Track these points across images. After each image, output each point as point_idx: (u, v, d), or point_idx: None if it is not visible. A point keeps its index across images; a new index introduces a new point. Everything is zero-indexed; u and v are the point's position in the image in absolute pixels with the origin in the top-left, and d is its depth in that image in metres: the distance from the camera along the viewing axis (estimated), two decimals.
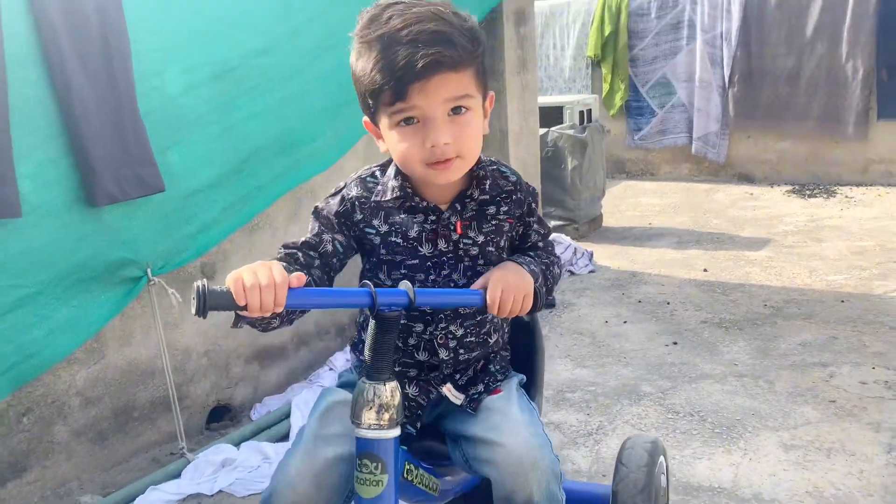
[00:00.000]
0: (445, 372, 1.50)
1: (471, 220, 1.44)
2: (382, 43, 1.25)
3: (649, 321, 3.91)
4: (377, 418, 1.25)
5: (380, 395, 1.25)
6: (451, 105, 1.29)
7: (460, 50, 1.26)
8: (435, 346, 1.47)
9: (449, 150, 1.29)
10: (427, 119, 1.28)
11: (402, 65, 1.23)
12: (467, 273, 1.44)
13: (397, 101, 1.26)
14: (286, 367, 3.27)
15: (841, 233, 5.38)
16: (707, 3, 7.27)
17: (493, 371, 1.55)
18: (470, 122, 1.32)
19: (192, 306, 1.12)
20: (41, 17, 2.19)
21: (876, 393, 2.96)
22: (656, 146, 7.93)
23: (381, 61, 1.25)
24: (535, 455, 1.36)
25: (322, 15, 3.12)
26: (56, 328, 2.28)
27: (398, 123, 1.30)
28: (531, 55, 4.58)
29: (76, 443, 2.51)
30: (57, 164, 2.26)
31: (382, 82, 1.25)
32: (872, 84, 6.69)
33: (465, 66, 1.28)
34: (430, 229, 1.42)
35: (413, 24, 1.24)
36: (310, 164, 3.12)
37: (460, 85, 1.28)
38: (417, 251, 1.42)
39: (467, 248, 1.43)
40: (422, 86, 1.24)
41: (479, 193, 1.43)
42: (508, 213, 1.47)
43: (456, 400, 1.48)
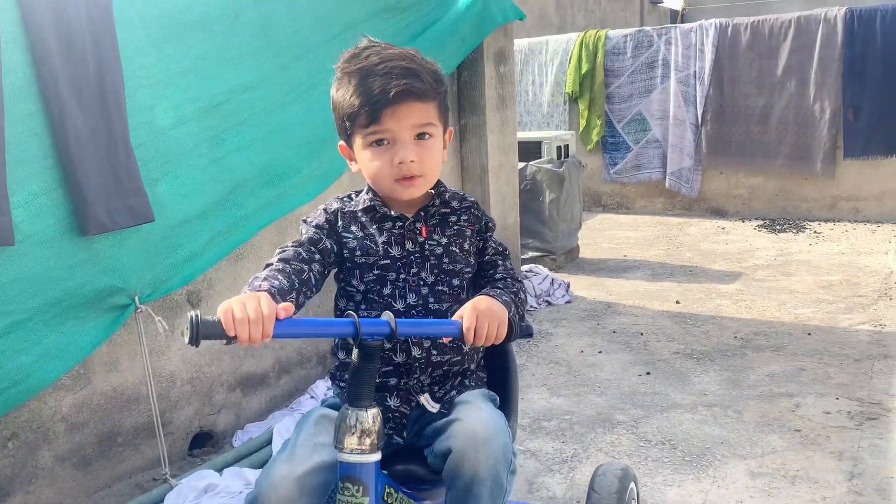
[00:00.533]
0: (423, 380, 1.61)
1: (434, 227, 1.64)
2: (361, 74, 1.49)
3: (623, 351, 4.01)
4: (359, 443, 1.33)
5: (362, 421, 1.33)
6: (417, 130, 1.53)
7: (427, 85, 1.51)
8: (409, 346, 1.59)
9: (414, 167, 1.52)
10: (396, 140, 1.52)
11: (377, 92, 1.47)
12: (434, 271, 1.61)
13: (372, 123, 1.50)
14: (268, 395, 3.32)
15: (809, 267, 5.55)
16: (681, 43, 7.50)
17: (468, 385, 1.67)
18: (432, 147, 1.56)
19: (186, 336, 1.20)
20: (39, 51, 2.27)
21: (839, 423, 3.07)
22: (631, 181, 8.11)
23: (359, 88, 1.49)
24: (490, 433, 1.44)
25: (308, 53, 3.23)
26: (45, 354, 2.32)
27: (371, 144, 1.53)
28: (510, 92, 4.72)
29: (60, 468, 2.54)
30: (50, 194, 2.32)
31: (359, 106, 1.49)
32: (839, 124, 6.93)
33: (429, 98, 1.53)
34: (398, 233, 1.60)
35: (388, 60, 1.49)
36: (294, 196, 3.20)
37: (425, 114, 1.53)
38: (388, 253, 1.60)
39: (432, 248, 1.62)
40: (393, 111, 1.48)
41: (440, 203, 1.65)
42: (469, 221, 1.69)
43: (432, 409, 1.59)
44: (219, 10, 2.85)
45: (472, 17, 4.19)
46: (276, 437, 2.94)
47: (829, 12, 6.86)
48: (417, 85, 1.48)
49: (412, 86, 1.47)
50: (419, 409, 1.61)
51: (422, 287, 1.60)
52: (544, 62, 8.33)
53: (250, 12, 2.98)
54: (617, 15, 15.19)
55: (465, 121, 4.54)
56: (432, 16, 4.00)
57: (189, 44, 2.74)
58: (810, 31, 6.91)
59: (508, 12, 4.49)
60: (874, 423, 3.04)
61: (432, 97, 1.54)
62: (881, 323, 4.24)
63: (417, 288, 1.60)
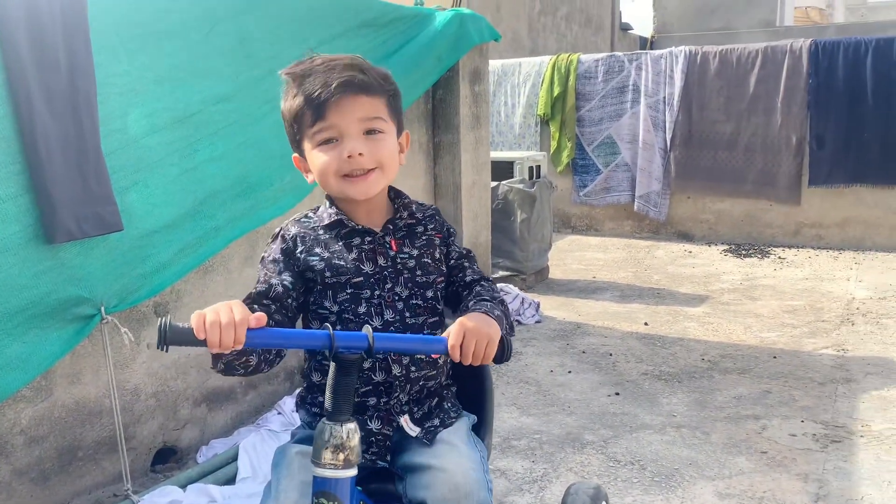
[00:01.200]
0: (402, 399, 1.57)
1: (403, 239, 1.59)
2: (304, 74, 1.46)
3: (593, 371, 4.02)
4: (334, 458, 1.30)
5: (337, 436, 1.30)
6: (365, 125, 1.47)
7: (370, 77, 1.47)
8: (389, 363, 1.54)
9: (364, 161, 1.46)
10: (343, 136, 1.46)
11: (319, 87, 1.43)
12: (408, 285, 1.56)
13: (317, 121, 1.45)
14: (234, 410, 3.27)
15: (774, 292, 5.64)
16: (651, 69, 7.62)
17: (447, 408, 1.63)
18: (384, 141, 1.49)
19: (156, 340, 1.20)
20: (10, 54, 2.22)
21: (804, 445, 3.10)
22: (600, 203, 8.19)
23: (301, 86, 1.45)
24: (472, 487, 1.42)
25: (283, 66, 3.21)
26: (5, 364, 2.25)
27: (319, 144, 1.47)
28: (484, 112, 4.75)
29: (18, 482, 2.46)
30: (16, 200, 2.27)
31: (304, 104, 1.45)
32: (804, 152, 7.08)
33: (376, 92, 1.48)
34: (368, 249, 1.54)
35: (330, 60, 1.47)
36: (266, 208, 3.17)
37: (372, 108, 1.47)
38: (360, 270, 1.53)
39: (405, 261, 1.56)
40: (337, 104, 1.43)
41: (407, 215, 1.60)
42: (435, 230, 1.64)
43: (411, 432, 1.55)
44: (195, 20, 2.83)
45: (448, 36, 4.22)
46: (243, 454, 2.89)
47: (795, 43, 7.03)
48: (360, 77, 1.44)
49: (354, 77, 1.43)
50: (400, 431, 1.57)
51: (397, 302, 1.55)
52: (517, 84, 8.41)
53: (227, 23, 2.96)
54: (588, 40, 15.42)
55: (440, 138, 4.56)
56: (409, 33, 4.02)
57: (164, 52, 2.72)
58: (777, 62, 7.07)
59: (484, 32, 4.53)
60: (838, 446, 3.08)
61: (379, 92, 1.49)
62: (844, 347, 4.31)
63: (393, 304, 1.54)
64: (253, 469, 2.83)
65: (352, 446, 1.31)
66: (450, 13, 4.26)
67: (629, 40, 18.17)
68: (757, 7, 19.00)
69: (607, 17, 16.63)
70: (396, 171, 1.55)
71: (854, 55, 6.82)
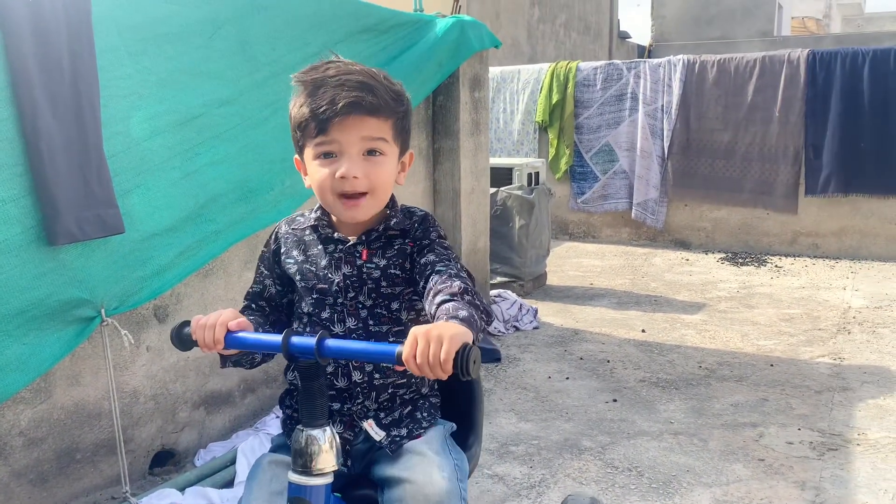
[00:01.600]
0: (367, 405, 1.55)
1: (376, 249, 1.56)
2: (314, 84, 1.44)
3: (590, 378, 4.03)
4: (308, 464, 1.29)
5: (312, 442, 1.29)
6: (366, 145, 1.45)
7: (380, 99, 1.44)
8: (350, 369, 1.54)
9: (358, 184, 1.44)
10: (343, 153, 1.44)
11: (326, 102, 1.41)
12: (372, 295, 1.55)
13: (319, 134, 1.43)
14: (232, 414, 3.27)
15: (771, 300, 5.65)
16: (649, 77, 7.66)
17: (419, 418, 1.60)
18: (382, 164, 1.48)
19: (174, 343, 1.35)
20: (14, 56, 2.23)
21: (801, 453, 3.11)
22: (598, 210, 8.21)
23: (309, 97, 1.43)
24: (442, 498, 1.40)
25: (285, 71, 3.22)
26: (5, 365, 2.25)
27: (319, 155, 1.46)
28: (484, 118, 4.76)
29: (16, 484, 2.46)
30: (18, 201, 2.27)
31: (309, 116, 1.43)
32: (801, 161, 7.12)
33: (383, 113, 1.45)
34: (338, 257, 1.55)
35: (344, 73, 1.43)
36: (267, 213, 3.17)
37: (377, 129, 1.45)
38: (327, 277, 1.55)
39: (370, 271, 1.54)
40: (341, 122, 1.41)
41: (383, 228, 1.56)
42: (412, 239, 1.57)
43: (376, 436, 1.53)
44: (198, 24, 2.84)
45: (449, 42, 4.23)
46: (241, 457, 2.89)
47: (793, 53, 7.07)
48: (368, 98, 1.42)
49: (363, 98, 1.41)
50: (367, 438, 1.55)
51: (361, 310, 1.54)
52: (516, 90, 8.43)
53: (229, 27, 2.97)
54: (586, 48, 15.47)
55: (439, 144, 4.57)
56: (410, 40, 4.04)
57: (166, 56, 2.72)
58: (774, 71, 7.11)
59: (485, 39, 4.55)
60: (835, 454, 3.09)
61: (387, 114, 1.46)
62: (840, 356, 4.32)
63: (356, 312, 1.54)
64: None
65: (327, 451, 1.30)
66: (451, 20, 4.28)
67: (627, 48, 18.24)
68: (754, 17, 19.10)
69: (605, 25, 16.70)
70: (389, 194, 1.54)
71: (851, 65, 6.86)
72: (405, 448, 1.53)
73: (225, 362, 1.45)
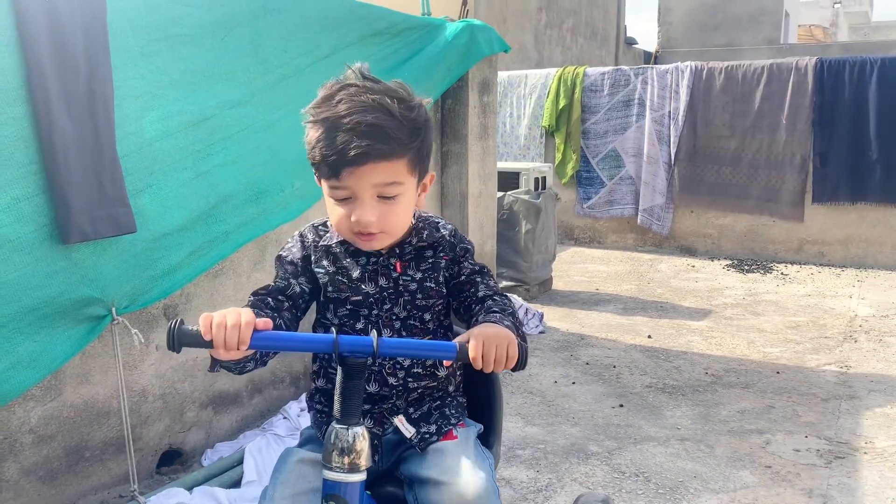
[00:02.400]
0: (398, 403, 1.59)
1: (409, 262, 1.58)
2: (326, 125, 1.39)
3: (596, 383, 4.03)
4: (343, 461, 1.31)
5: (347, 439, 1.31)
6: (378, 190, 1.42)
7: (394, 143, 1.39)
8: (384, 376, 1.57)
9: (372, 226, 1.44)
10: (356, 198, 1.42)
11: (338, 150, 1.37)
12: (407, 307, 1.58)
13: (332, 177, 1.41)
14: (240, 414, 3.27)
15: (777, 308, 5.65)
16: (657, 83, 7.66)
17: (448, 414, 1.63)
18: (396, 205, 1.46)
19: (167, 342, 1.25)
20: (31, 56, 2.24)
21: (808, 460, 3.11)
22: (604, 215, 8.21)
23: (321, 141, 1.39)
24: (481, 497, 1.42)
25: (296, 74, 3.25)
26: (17, 362, 2.26)
27: (332, 196, 1.45)
28: (492, 122, 4.77)
29: (25, 481, 2.47)
30: (32, 200, 2.28)
31: (321, 160, 1.40)
32: (808, 169, 7.11)
33: (396, 156, 1.41)
34: (372, 269, 1.56)
35: (356, 113, 1.36)
36: (277, 214, 3.18)
37: (390, 173, 1.41)
38: (360, 289, 1.56)
39: (406, 283, 1.57)
40: (353, 170, 1.38)
41: (417, 241, 1.58)
42: (444, 253, 1.61)
43: (406, 432, 1.57)
44: (211, 25, 2.86)
45: (458, 47, 4.24)
46: (248, 458, 2.89)
47: (801, 61, 7.08)
48: (380, 146, 1.37)
49: (373, 147, 1.36)
50: (397, 433, 1.59)
51: (394, 321, 1.57)
52: (523, 95, 8.44)
53: (242, 29, 2.98)
54: (593, 53, 15.48)
55: (447, 148, 4.58)
56: (420, 44, 4.05)
57: (180, 57, 2.74)
58: (782, 79, 7.11)
59: (494, 44, 4.56)
60: (842, 462, 3.09)
61: (400, 154, 1.42)
62: (847, 364, 4.32)
63: (391, 323, 1.57)
64: (258, 473, 2.84)
65: (361, 450, 1.32)
66: (460, 24, 4.29)
67: (633, 54, 18.25)
68: (761, 24, 19.10)
69: (612, 30, 16.71)
70: (407, 225, 1.55)
71: (859, 74, 6.86)
72: (438, 448, 1.55)
73: (215, 365, 1.35)
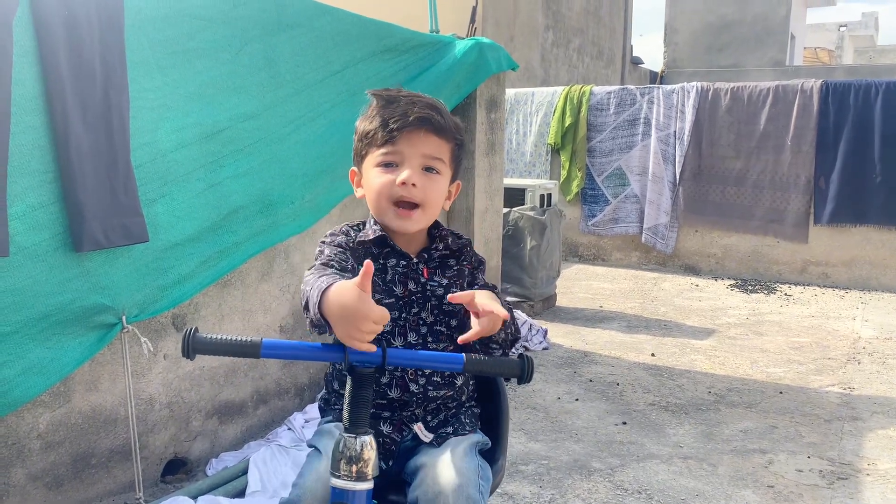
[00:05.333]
0: (417, 411, 1.63)
1: (435, 269, 1.65)
2: (387, 99, 1.57)
3: (600, 400, 4.04)
4: (351, 470, 1.33)
5: (355, 448, 1.33)
6: (426, 161, 1.55)
7: (447, 121, 1.57)
8: (406, 382, 1.61)
9: (416, 192, 1.53)
10: (404, 163, 1.54)
11: (399, 113, 1.53)
12: (434, 311, 1.62)
13: (387, 143, 1.54)
14: (245, 424, 3.29)
15: (780, 328, 5.65)
16: (663, 103, 7.71)
17: (464, 421, 1.68)
18: (437, 182, 1.57)
19: (181, 348, 1.30)
20: (49, 66, 2.29)
21: (811, 481, 3.11)
22: (608, 233, 8.24)
23: (382, 110, 1.56)
24: (460, 480, 1.46)
25: (308, 88, 3.29)
26: (28, 368, 2.29)
27: (380, 164, 1.56)
28: (499, 139, 4.81)
29: (32, 487, 2.48)
30: (48, 208, 2.32)
31: (379, 126, 1.55)
32: (812, 190, 7.14)
33: (446, 136, 1.57)
34: (402, 272, 1.61)
35: (415, 96, 1.58)
36: (287, 225, 3.22)
37: (439, 148, 1.56)
38: (392, 291, 1.60)
39: (434, 289, 1.62)
40: (409, 135, 1.53)
41: (443, 247, 1.66)
42: (467, 261, 1.69)
43: (425, 438, 1.62)
44: (225, 39, 2.90)
45: (467, 64, 4.29)
46: (253, 468, 2.91)
47: (806, 83, 7.12)
48: (437, 118, 1.54)
49: (432, 116, 1.53)
50: (413, 438, 1.63)
51: (421, 326, 1.61)
52: (529, 112, 8.50)
53: (255, 44, 3.03)
54: (599, 72, 15.57)
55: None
56: (430, 60, 4.10)
57: (195, 70, 2.78)
58: (787, 101, 7.15)
59: (503, 62, 4.60)
60: (845, 483, 3.09)
61: (449, 137, 1.57)
62: (850, 386, 4.32)
63: (417, 327, 1.61)
64: (262, 483, 2.85)
65: (368, 459, 1.34)
66: (469, 42, 4.34)
67: (639, 74, 18.34)
68: (766, 46, 19.20)
69: (618, 50, 16.81)
70: (438, 213, 1.62)
71: (864, 97, 6.90)
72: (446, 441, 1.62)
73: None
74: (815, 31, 29.93)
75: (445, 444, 1.60)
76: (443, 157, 1.57)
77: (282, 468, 2.94)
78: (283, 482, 2.86)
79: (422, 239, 1.66)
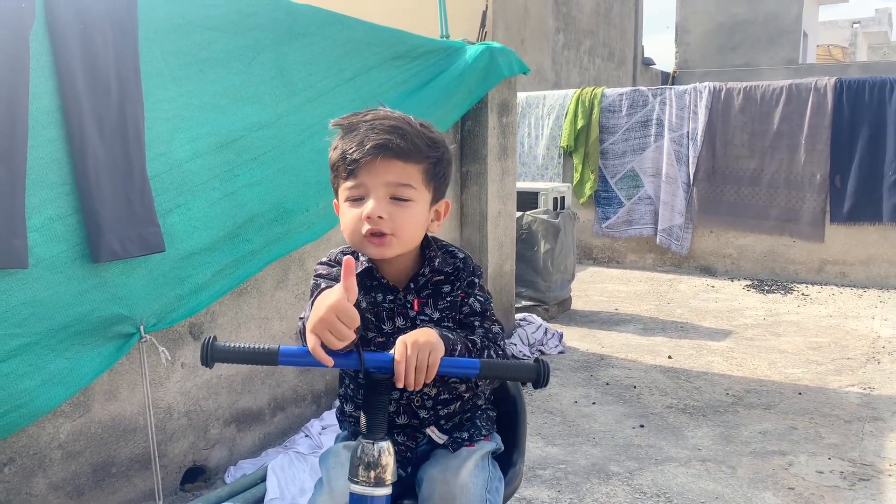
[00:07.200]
0: (429, 419, 1.64)
1: (427, 299, 1.56)
2: (349, 127, 1.47)
3: (617, 403, 4.03)
4: (368, 476, 1.33)
5: (373, 454, 1.34)
6: (392, 190, 1.44)
7: (409, 143, 1.43)
8: (413, 409, 1.61)
9: (383, 224, 1.42)
10: (369, 195, 1.44)
11: (355, 145, 1.43)
12: None
13: (349, 177, 1.45)
14: (262, 432, 3.30)
15: (798, 328, 5.61)
16: (675, 104, 7.68)
17: (479, 425, 1.68)
18: (408, 209, 1.46)
19: (200, 357, 1.31)
20: (65, 79, 2.31)
21: (832, 482, 3.09)
22: (622, 235, 8.21)
23: (342, 139, 1.47)
24: (461, 489, 1.48)
25: (321, 96, 3.31)
26: (49, 379, 2.31)
27: (348, 199, 1.47)
28: (511, 143, 4.81)
29: (53, 496, 2.51)
30: (65, 220, 2.34)
31: (340, 158, 1.46)
32: (828, 189, 7.09)
33: (411, 158, 1.44)
34: (389, 308, 1.56)
35: (379, 118, 1.45)
36: (301, 233, 3.23)
37: (404, 174, 1.44)
38: (382, 328, 1.56)
39: (423, 324, 1.51)
40: (368, 164, 1.42)
41: (429, 271, 1.56)
42: (460, 288, 1.58)
43: (439, 440, 1.62)
44: (238, 49, 2.92)
45: (479, 69, 4.30)
46: (271, 475, 2.92)
47: (820, 81, 7.08)
48: (396, 141, 1.42)
49: (390, 141, 1.41)
50: (428, 443, 1.64)
51: None
52: (541, 116, 8.49)
53: (268, 53, 3.05)
54: (610, 74, 15.54)
55: (467, 168, 4.62)
56: (441, 66, 4.10)
57: (208, 80, 2.80)
58: (801, 99, 7.11)
59: (514, 66, 4.61)
60: (866, 485, 3.06)
61: (416, 158, 1.45)
62: (870, 386, 4.28)
63: None
64: (281, 490, 2.86)
65: (386, 464, 1.34)
66: (480, 47, 4.34)
67: (651, 75, 18.29)
68: (779, 45, 19.11)
69: (630, 51, 16.77)
70: (418, 239, 1.53)
71: (879, 94, 6.85)
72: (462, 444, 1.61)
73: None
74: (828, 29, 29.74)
75: (457, 453, 1.59)
76: (411, 182, 1.45)
77: (300, 475, 2.95)
78: (302, 489, 2.87)
79: (413, 261, 1.57)
